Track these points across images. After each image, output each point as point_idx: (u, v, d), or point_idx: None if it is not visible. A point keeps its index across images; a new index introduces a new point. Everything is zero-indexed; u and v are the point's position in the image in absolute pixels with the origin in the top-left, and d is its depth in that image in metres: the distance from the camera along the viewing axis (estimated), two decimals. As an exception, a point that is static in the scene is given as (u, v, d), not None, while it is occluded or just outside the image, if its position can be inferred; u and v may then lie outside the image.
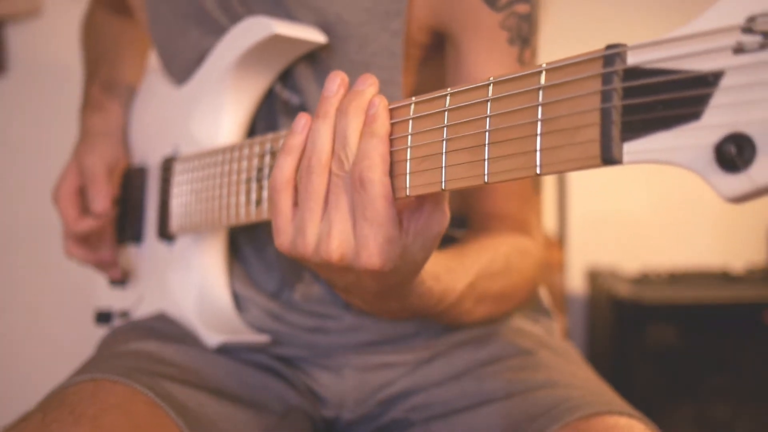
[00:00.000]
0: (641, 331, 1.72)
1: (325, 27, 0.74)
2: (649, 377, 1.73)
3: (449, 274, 0.66)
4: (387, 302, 0.63)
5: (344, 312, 0.81)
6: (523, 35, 0.73)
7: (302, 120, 0.56)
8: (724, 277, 1.84)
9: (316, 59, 0.76)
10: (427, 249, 0.54)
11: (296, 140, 0.55)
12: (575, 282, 2.03)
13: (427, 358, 0.81)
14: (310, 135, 0.54)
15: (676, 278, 1.84)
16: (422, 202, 0.53)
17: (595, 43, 0.42)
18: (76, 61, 1.08)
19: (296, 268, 0.81)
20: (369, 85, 0.53)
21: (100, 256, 0.95)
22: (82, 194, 0.93)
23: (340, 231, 0.52)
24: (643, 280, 1.84)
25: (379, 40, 0.73)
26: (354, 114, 0.52)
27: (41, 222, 1.85)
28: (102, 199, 0.89)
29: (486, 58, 0.74)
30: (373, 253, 0.51)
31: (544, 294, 0.95)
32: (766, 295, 1.74)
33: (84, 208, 0.93)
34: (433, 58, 0.78)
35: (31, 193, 1.83)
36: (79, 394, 0.66)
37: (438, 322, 0.78)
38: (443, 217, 0.53)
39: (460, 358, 0.80)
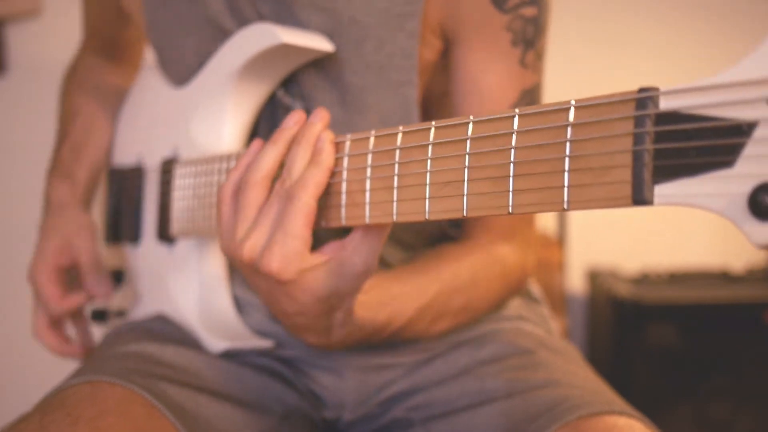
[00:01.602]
0: (641, 331, 1.72)
1: (338, 29, 0.73)
2: (649, 377, 1.73)
3: (393, 302, 0.69)
4: (317, 334, 0.66)
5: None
6: (528, 38, 0.73)
7: (255, 144, 0.63)
8: (724, 277, 1.84)
9: (324, 66, 0.75)
10: (344, 281, 0.59)
11: (244, 161, 0.63)
12: (575, 282, 2.03)
13: (426, 358, 0.81)
14: (256, 156, 0.61)
15: (676, 278, 1.84)
16: (361, 237, 0.58)
17: (596, 46, 0.42)
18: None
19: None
20: (319, 120, 0.60)
21: (71, 350, 0.95)
22: (64, 272, 0.93)
23: (258, 232, 0.58)
24: (643, 280, 1.84)
25: (395, 41, 0.72)
26: (305, 144, 0.59)
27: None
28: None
29: (486, 58, 0.74)
30: (273, 258, 0.57)
31: (534, 287, 0.95)
32: (766, 295, 1.74)
33: (67, 287, 0.93)
34: (442, 64, 0.78)
35: (31, 193, 1.83)
36: (77, 395, 0.66)
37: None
38: (369, 259, 0.58)
39: (459, 357, 0.80)
